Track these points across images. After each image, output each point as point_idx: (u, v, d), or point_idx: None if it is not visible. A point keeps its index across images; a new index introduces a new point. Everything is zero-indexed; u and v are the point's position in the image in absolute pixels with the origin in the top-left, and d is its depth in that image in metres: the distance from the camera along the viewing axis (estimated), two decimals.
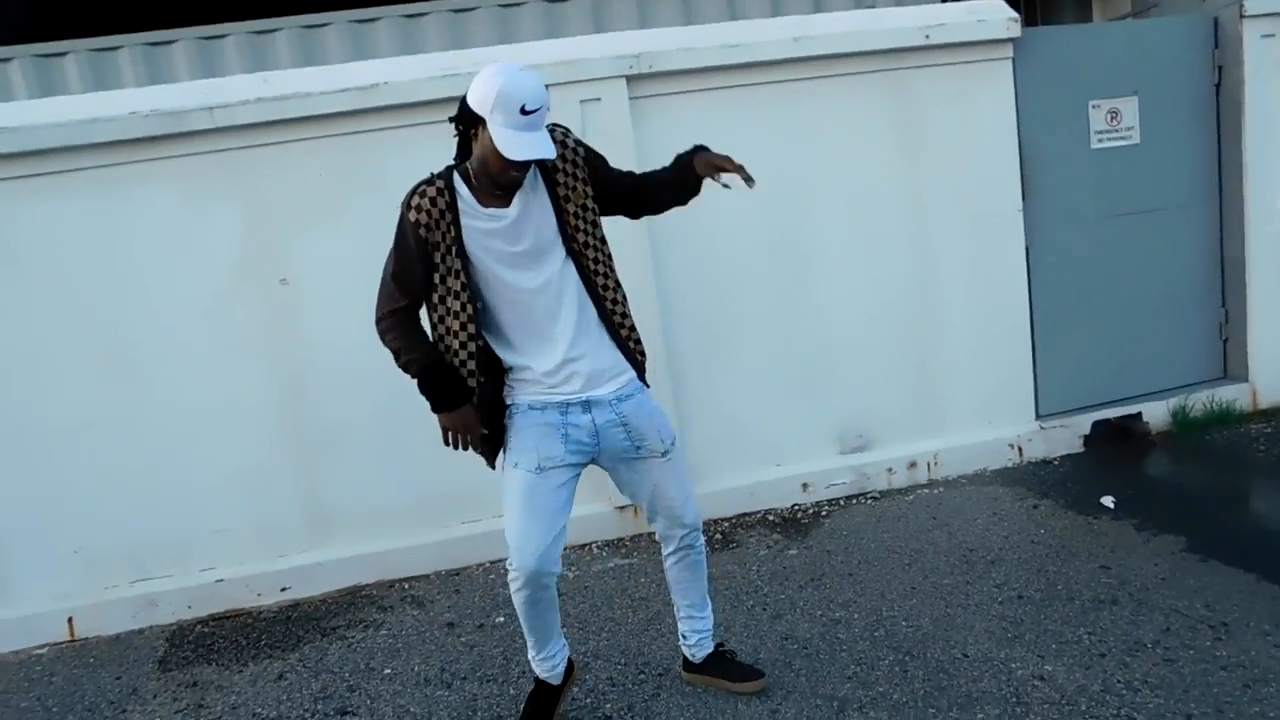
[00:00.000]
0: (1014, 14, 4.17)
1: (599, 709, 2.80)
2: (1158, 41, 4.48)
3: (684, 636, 2.81)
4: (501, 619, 3.45)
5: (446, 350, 2.43)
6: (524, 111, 2.19)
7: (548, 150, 2.24)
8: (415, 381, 2.43)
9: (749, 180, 2.43)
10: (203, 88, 3.84)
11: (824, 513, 4.12)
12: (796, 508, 4.19)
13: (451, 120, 2.34)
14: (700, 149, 2.53)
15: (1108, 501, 3.88)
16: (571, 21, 5.50)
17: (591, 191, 2.45)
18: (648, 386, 2.58)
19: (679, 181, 2.53)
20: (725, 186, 2.48)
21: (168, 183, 3.70)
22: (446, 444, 2.48)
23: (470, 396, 2.43)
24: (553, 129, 2.38)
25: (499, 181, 2.30)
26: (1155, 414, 4.57)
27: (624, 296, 2.54)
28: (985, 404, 4.41)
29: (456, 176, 2.37)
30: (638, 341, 2.55)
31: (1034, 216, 4.34)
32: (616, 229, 2.67)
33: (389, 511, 3.95)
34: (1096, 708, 2.51)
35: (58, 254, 3.67)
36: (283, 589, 3.87)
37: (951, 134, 4.20)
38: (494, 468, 2.58)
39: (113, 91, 4.07)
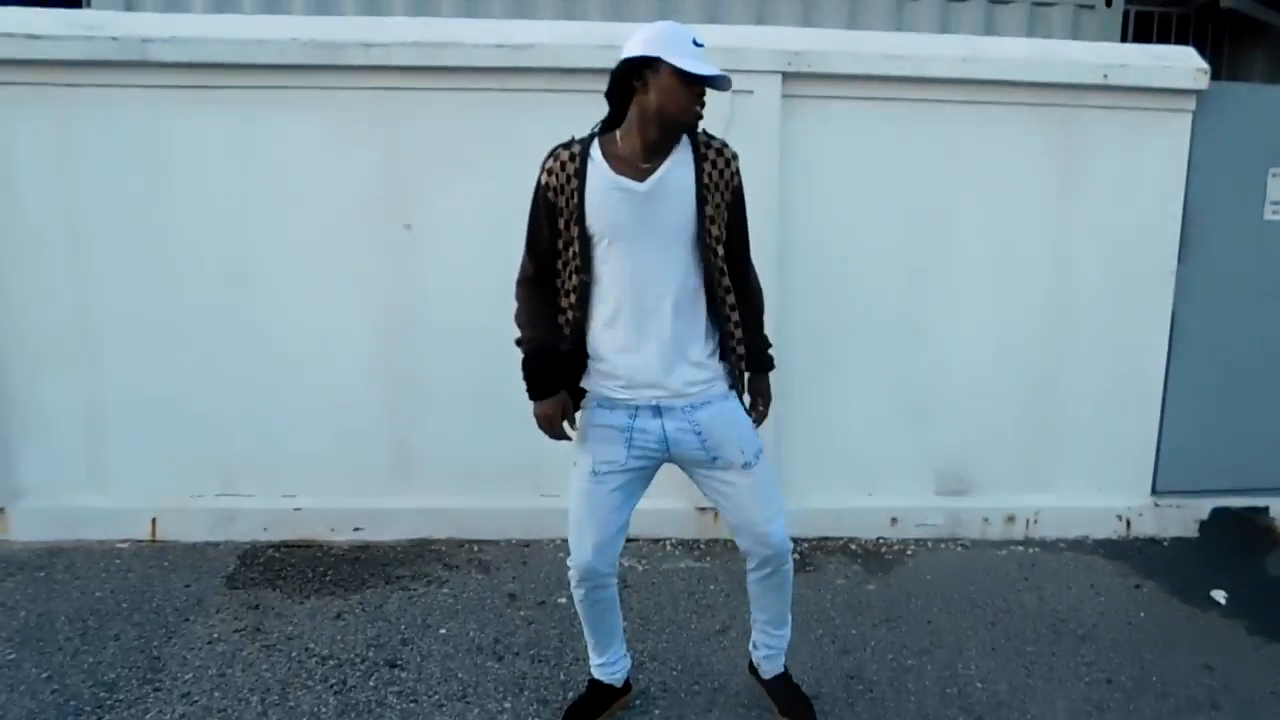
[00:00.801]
0: (1203, 64, 3.89)
1: (648, 712, 2.72)
2: None
3: (754, 645, 2.72)
4: (563, 600, 3.39)
5: (561, 312, 2.38)
6: (696, 44, 2.20)
7: (725, 79, 2.20)
8: (521, 361, 2.40)
9: (757, 423, 2.54)
10: (363, 24, 3.89)
11: (910, 551, 3.95)
12: (882, 541, 4.03)
13: (609, 89, 2.28)
14: (766, 371, 2.59)
15: (1219, 596, 3.61)
16: (734, 10, 5.39)
17: (726, 215, 2.38)
18: (739, 393, 2.48)
19: (749, 340, 2.51)
20: (749, 411, 2.55)
21: (315, 112, 3.74)
22: (540, 428, 2.44)
23: (564, 387, 2.38)
24: (717, 140, 2.36)
25: (681, 123, 2.23)
26: None
27: (734, 302, 2.44)
28: (1099, 468, 4.15)
29: (596, 143, 2.31)
30: (741, 357, 2.47)
31: (1188, 282, 4.06)
32: None
33: (471, 470, 3.94)
34: None
35: (203, 165, 3.75)
36: (356, 528, 3.91)
37: (1114, 181, 3.95)
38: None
39: (278, 16, 4.15)
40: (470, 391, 3.87)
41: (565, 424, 2.44)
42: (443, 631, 3.17)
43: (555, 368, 2.38)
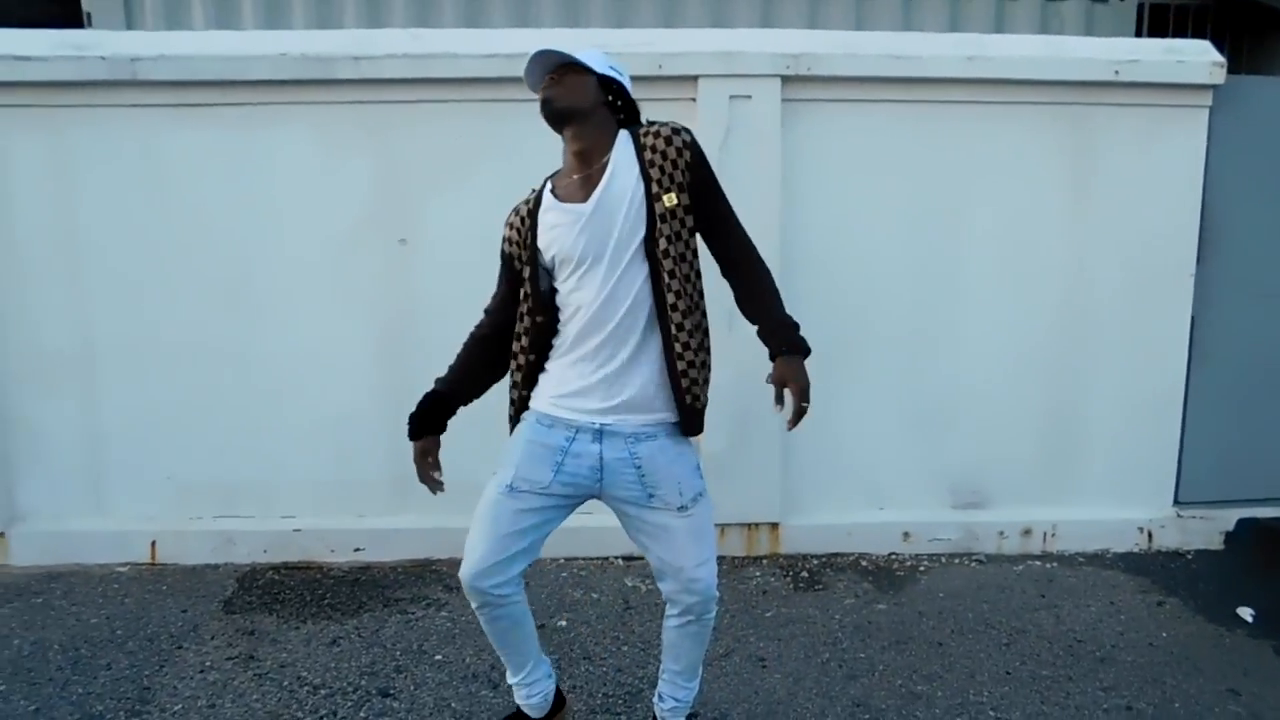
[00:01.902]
0: (1219, 58, 3.76)
1: None
2: None
3: (660, 698, 2.49)
4: (564, 623, 3.32)
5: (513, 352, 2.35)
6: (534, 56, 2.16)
7: (545, 52, 2.14)
8: None
9: (793, 421, 2.14)
10: (353, 37, 3.83)
11: (922, 568, 3.83)
12: (894, 557, 3.92)
13: None
14: (796, 352, 2.18)
15: (1245, 614, 3.46)
16: (739, 12, 5.29)
17: (689, 202, 2.15)
18: (692, 435, 2.24)
19: (760, 334, 2.22)
20: (777, 404, 2.15)
21: (308, 128, 3.70)
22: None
23: (433, 433, 2.46)
24: (659, 124, 2.18)
25: (550, 118, 2.15)
26: None
27: (701, 327, 2.21)
28: (1119, 480, 4.02)
29: (549, 181, 2.27)
30: (696, 384, 2.18)
31: (1207, 284, 3.92)
32: (744, 220, 2.35)
33: (473, 488, 3.80)
34: None
35: (196, 183, 3.71)
36: (356, 549, 3.85)
37: (1128, 181, 3.82)
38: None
39: (268, 31, 4.10)
40: (470, 408, 3.78)
41: (432, 470, 2.46)
42: (438, 658, 3.10)
43: (432, 411, 2.44)
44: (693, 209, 2.17)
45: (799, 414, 2.14)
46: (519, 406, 2.34)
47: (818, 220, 3.74)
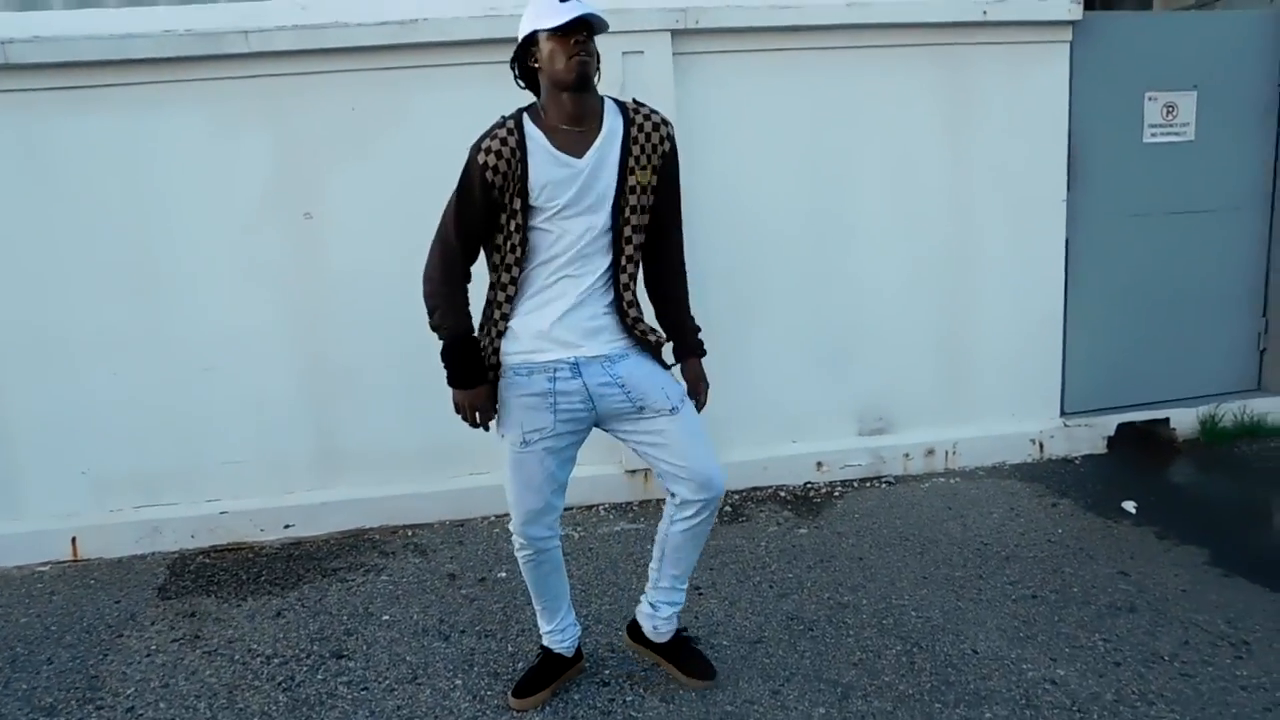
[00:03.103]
0: None
1: (597, 674, 2.75)
2: (1222, 35, 4.32)
3: (653, 607, 2.65)
4: (503, 574, 3.41)
5: (492, 292, 2.37)
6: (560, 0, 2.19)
7: (593, 16, 2.17)
8: (440, 347, 2.38)
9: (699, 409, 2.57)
10: (240, 10, 3.75)
11: (837, 494, 4.06)
12: (810, 486, 4.13)
13: (512, 65, 2.32)
14: (702, 355, 2.60)
15: (1129, 506, 3.80)
16: None
17: (655, 184, 2.36)
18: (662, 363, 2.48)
19: (668, 326, 2.56)
20: (691, 398, 2.56)
21: (200, 105, 3.64)
22: (458, 414, 2.43)
23: (487, 376, 2.38)
24: (648, 108, 2.37)
25: (572, 79, 2.19)
26: (1184, 421, 4.46)
27: (636, 280, 2.45)
28: (1010, 396, 4.32)
29: (526, 116, 2.29)
30: (640, 322, 2.43)
31: (1078, 208, 4.22)
32: None
33: (398, 456, 3.91)
34: (1109, 718, 2.45)
35: (86, 170, 3.62)
36: (286, 526, 3.85)
37: (1001, 116, 4.08)
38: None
39: (149, 7, 3.97)
40: (390, 377, 3.83)
41: (487, 414, 2.43)
42: (385, 618, 3.16)
43: (476, 355, 2.38)
44: (656, 190, 2.36)
45: (702, 405, 2.59)
46: (496, 359, 2.38)
47: (716, 169, 3.88)
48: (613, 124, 2.31)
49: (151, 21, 3.60)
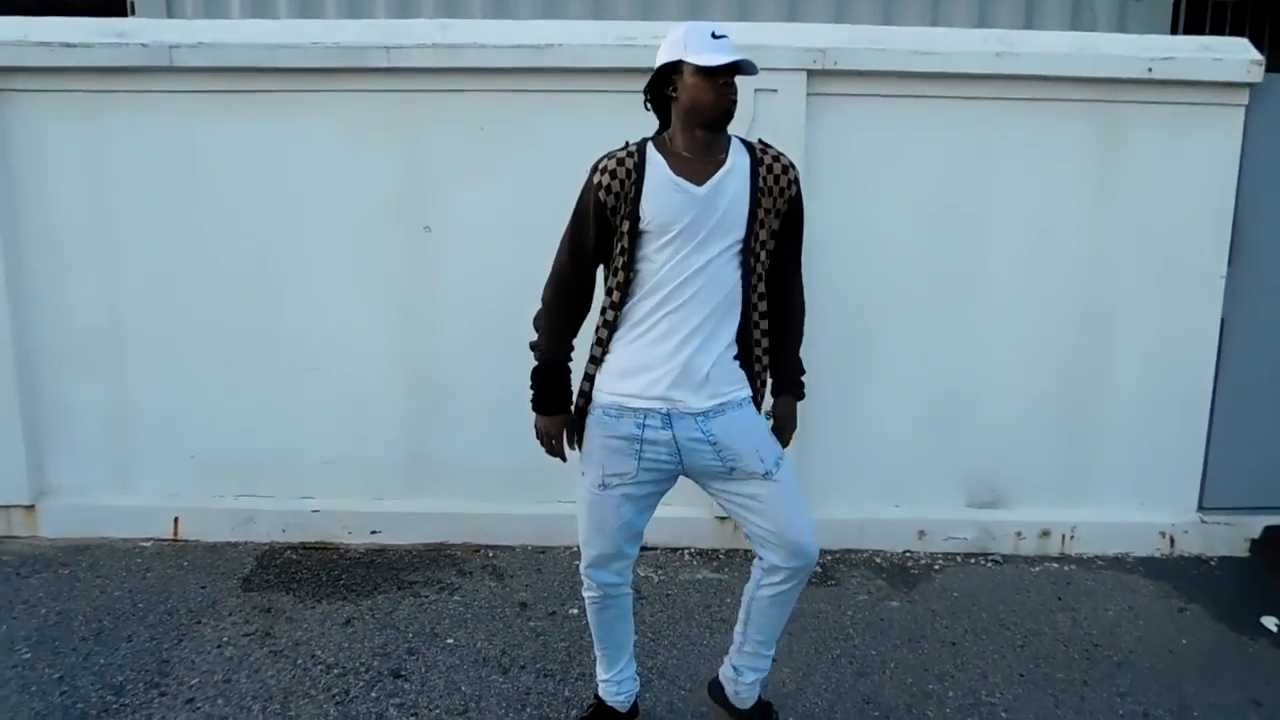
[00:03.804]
0: (1257, 56, 3.68)
1: None
2: None
3: (736, 671, 2.52)
4: (575, 611, 3.33)
5: (600, 316, 2.33)
6: (714, 36, 2.19)
7: (746, 62, 2.16)
8: (532, 367, 2.38)
9: None
10: (383, 27, 3.88)
11: (937, 566, 3.81)
12: (908, 555, 3.90)
13: (645, 93, 2.31)
14: (800, 398, 2.53)
15: (1270, 623, 3.40)
16: (764, 6, 5.28)
17: (778, 227, 2.34)
18: (758, 406, 2.39)
19: (774, 364, 2.48)
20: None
21: (337, 116, 3.73)
22: (537, 440, 2.43)
23: (569, 407, 2.35)
24: (774, 149, 2.35)
25: (713, 117, 2.19)
26: None
27: (765, 311, 2.40)
28: (1141, 481, 3.96)
29: (650, 145, 2.28)
30: (765, 367, 2.42)
31: (1239, 285, 3.85)
32: None
33: (488, 474, 3.90)
34: None
35: (227, 169, 3.77)
36: (373, 531, 3.89)
37: (1159, 180, 3.76)
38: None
39: (301, 20, 4.15)
40: (488, 395, 3.83)
41: (565, 444, 2.42)
42: (450, 641, 3.13)
43: (564, 384, 2.37)
44: (777, 234, 2.34)
45: (785, 446, 2.46)
46: (589, 391, 2.35)
47: (842, 213, 3.72)
48: (738, 159, 2.29)
49: (300, 33, 3.73)
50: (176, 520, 3.90)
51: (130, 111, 3.74)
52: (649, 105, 2.33)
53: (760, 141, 2.37)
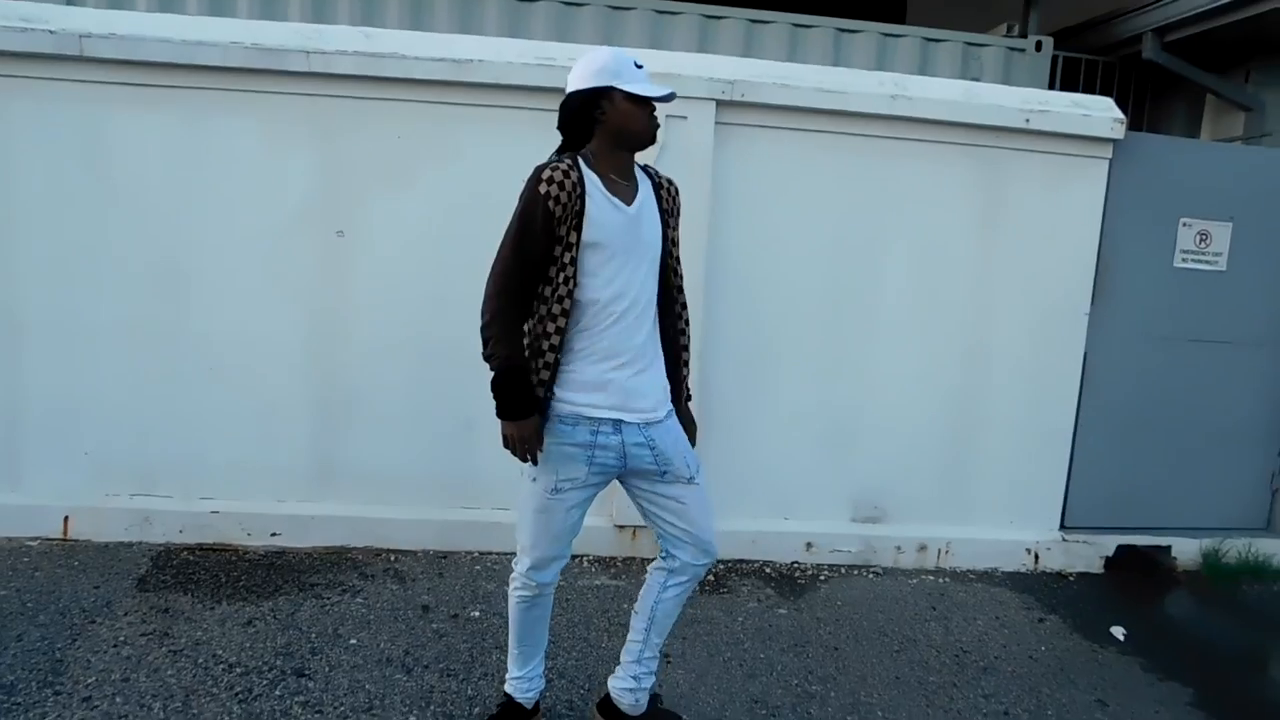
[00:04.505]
0: (1120, 115, 4.06)
1: None
2: (1263, 170, 4.32)
3: (637, 680, 2.65)
4: (477, 614, 3.41)
5: (539, 324, 2.35)
6: (636, 65, 2.36)
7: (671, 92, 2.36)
8: (492, 376, 2.33)
9: None
10: (305, 31, 3.88)
11: (823, 577, 4.02)
12: (796, 566, 4.10)
13: (565, 121, 2.39)
14: (686, 400, 2.67)
15: (1118, 632, 3.73)
16: (677, 36, 5.48)
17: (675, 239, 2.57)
18: (683, 404, 2.63)
19: (674, 375, 2.60)
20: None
21: (255, 117, 3.74)
22: (506, 448, 2.39)
23: (537, 409, 2.35)
24: (665, 176, 2.55)
25: (641, 142, 2.38)
26: (1186, 551, 4.38)
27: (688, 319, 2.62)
28: (1010, 502, 4.28)
29: (581, 160, 2.37)
30: (687, 380, 2.66)
31: (1100, 324, 4.21)
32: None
33: (392, 480, 3.94)
34: None
35: (138, 164, 3.73)
36: (273, 534, 3.88)
37: (1034, 222, 4.10)
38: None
39: (221, 19, 4.12)
40: (395, 401, 3.88)
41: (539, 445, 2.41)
42: (353, 642, 3.16)
43: (529, 386, 2.34)
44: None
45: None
46: (543, 400, 2.37)
47: (742, 238, 3.93)
48: (643, 183, 2.48)
49: (221, 32, 3.73)
50: (67, 519, 3.81)
51: (35, 99, 3.66)
52: (562, 128, 2.41)
53: (648, 166, 2.56)
